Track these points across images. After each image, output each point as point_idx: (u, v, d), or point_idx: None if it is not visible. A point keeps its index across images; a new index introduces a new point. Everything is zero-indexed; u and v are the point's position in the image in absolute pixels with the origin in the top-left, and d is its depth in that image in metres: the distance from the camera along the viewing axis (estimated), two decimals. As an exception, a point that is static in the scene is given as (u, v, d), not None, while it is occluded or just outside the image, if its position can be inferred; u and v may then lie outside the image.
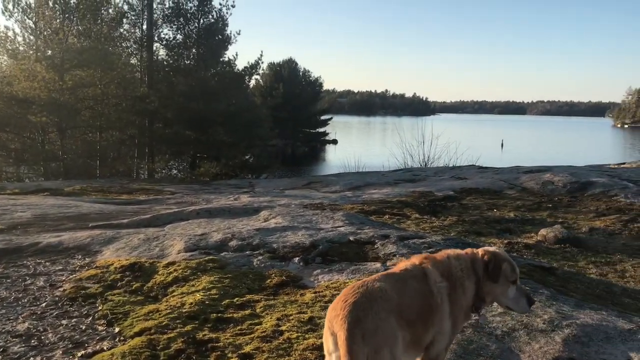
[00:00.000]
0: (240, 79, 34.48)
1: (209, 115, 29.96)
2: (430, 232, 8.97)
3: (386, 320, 2.77)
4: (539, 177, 13.85)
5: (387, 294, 2.88)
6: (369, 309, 2.74)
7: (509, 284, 3.21)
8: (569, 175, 13.62)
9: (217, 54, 34.41)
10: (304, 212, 9.39)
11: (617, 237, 9.19)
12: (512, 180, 14.24)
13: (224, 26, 34.70)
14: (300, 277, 5.92)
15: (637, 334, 4.23)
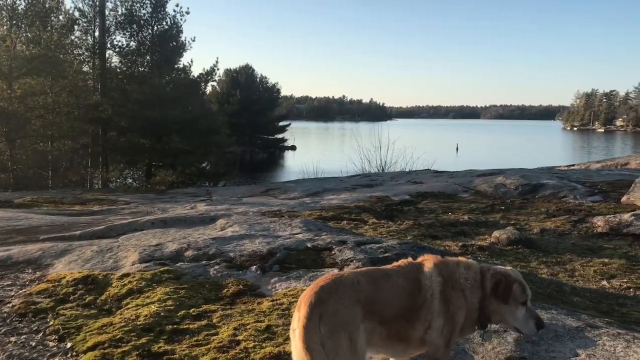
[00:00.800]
0: (195, 85, 34.17)
1: (164, 122, 29.56)
2: (387, 237, 9.07)
3: (349, 307, 2.87)
4: (491, 180, 14.17)
5: (357, 285, 2.98)
6: (333, 293, 2.88)
7: (518, 305, 3.19)
8: (521, 177, 13.98)
9: (171, 61, 34.02)
10: (261, 220, 9.36)
11: (567, 237, 9.48)
12: (466, 184, 14.53)
13: (179, 33, 34.36)
14: (257, 286, 5.90)
15: (584, 331, 4.37)
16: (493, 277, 3.19)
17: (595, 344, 4.13)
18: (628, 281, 7.15)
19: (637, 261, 8.11)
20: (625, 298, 6.43)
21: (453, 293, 3.14)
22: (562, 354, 4.00)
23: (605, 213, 10.31)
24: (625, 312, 5.79)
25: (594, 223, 9.79)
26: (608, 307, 5.94)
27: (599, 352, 4.00)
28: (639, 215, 9.50)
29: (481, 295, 3.19)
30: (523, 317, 3.20)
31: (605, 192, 12.25)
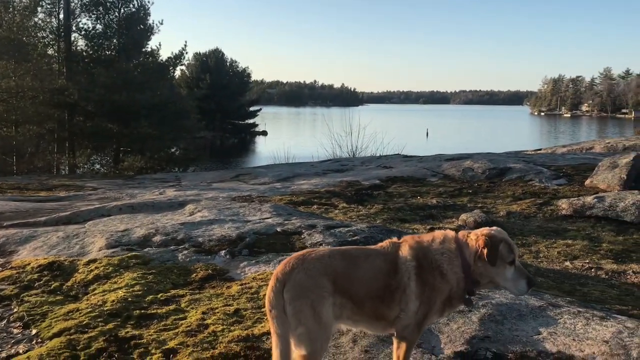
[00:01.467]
0: (164, 69, 33.66)
1: (132, 107, 29.10)
2: (357, 221, 9.13)
3: (315, 278, 2.94)
4: (459, 164, 14.34)
5: (328, 259, 3.04)
6: (301, 264, 2.98)
7: (506, 265, 3.11)
8: (488, 161, 14.18)
9: (139, 44, 33.41)
10: (231, 205, 9.33)
11: (532, 219, 9.68)
12: (434, 168, 14.67)
13: (146, 15, 33.73)
14: (226, 270, 5.90)
15: (546, 310, 4.49)
16: (477, 240, 3.13)
17: (557, 322, 4.25)
18: (590, 262, 7.36)
19: (599, 242, 8.34)
20: (587, 278, 6.62)
21: (429, 274, 3.11)
22: (525, 333, 4.10)
23: (570, 196, 10.54)
24: (587, 291, 5.96)
25: (559, 206, 10.01)
26: (570, 287, 6.11)
27: (560, 329, 4.11)
28: (601, 197, 9.74)
29: (462, 263, 3.13)
30: (512, 276, 3.12)
31: (570, 175, 12.52)
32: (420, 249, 3.18)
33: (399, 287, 3.09)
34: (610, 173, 11.12)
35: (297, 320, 2.89)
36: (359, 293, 3.05)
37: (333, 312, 2.99)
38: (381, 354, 3.77)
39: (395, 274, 3.10)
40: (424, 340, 3.99)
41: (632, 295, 5.94)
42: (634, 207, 9.21)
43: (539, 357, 3.72)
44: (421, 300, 3.09)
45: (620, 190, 10.42)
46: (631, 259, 7.65)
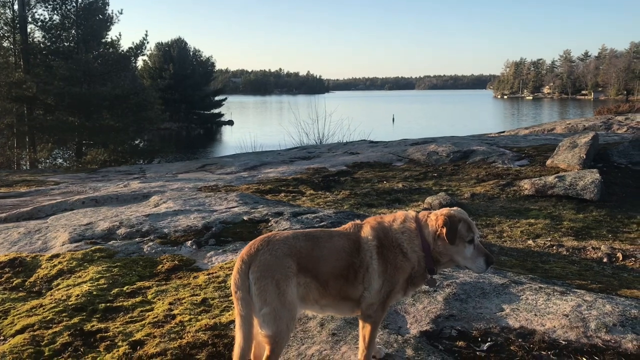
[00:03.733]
0: (125, 60, 32.97)
1: (94, 99, 28.46)
2: (324, 207, 9.18)
3: (280, 258, 2.99)
4: (424, 148, 14.49)
5: (292, 240, 3.09)
6: (266, 246, 3.04)
7: (465, 244, 3.16)
8: (452, 145, 14.36)
9: (98, 35, 32.64)
10: (196, 195, 9.25)
11: (496, 200, 9.87)
12: (400, 153, 14.79)
13: (105, 5, 32.95)
14: (193, 260, 5.86)
15: (509, 287, 4.59)
16: (436, 219, 3.20)
17: (519, 298, 4.35)
18: (551, 239, 7.55)
19: (560, 220, 8.56)
20: (549, 255, 6.80)
21: (390, 253, 3.18)
22: (488, 310, 4.19)
23: (532, 176, 10.77)
24: (548, 268, 6.12)
25: (521, 186, 10.22)
26: (532, 265, 6.27)
27: (522, 305, 4.21)
28: (562, 177, 9.98)
29: (422, 242, 3.20)
30: (472, 255, 3.17)
31: (532, 156, 12.77)
32: (382, 229, 3.24)
33: (362, 266, 3.14)
34: (570, 153, 11.39)
35: (262, 300, 2.92)
36: (323, 272, 3.09)
37: (298, 293, 3.03)
38: (348, 336, 3.81)
39: (358, 253, 3.16)
40: (391, 321, 4.05)
41: (592, 270, 6.13)
42: (592, 185, 9.46)
43: (502, 333, 3.81)
44: (384, 279, 3.15)
45: (580, 169, 10.68)
46: (591, 235, 7.88)
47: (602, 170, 10.55)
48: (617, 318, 3.88)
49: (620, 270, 6.23)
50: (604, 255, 6.69)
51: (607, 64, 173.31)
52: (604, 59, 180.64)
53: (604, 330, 3.74)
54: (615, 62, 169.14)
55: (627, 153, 11.88)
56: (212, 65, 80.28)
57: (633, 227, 8.30)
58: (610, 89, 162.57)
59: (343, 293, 3.16)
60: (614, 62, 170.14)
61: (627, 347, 3.53)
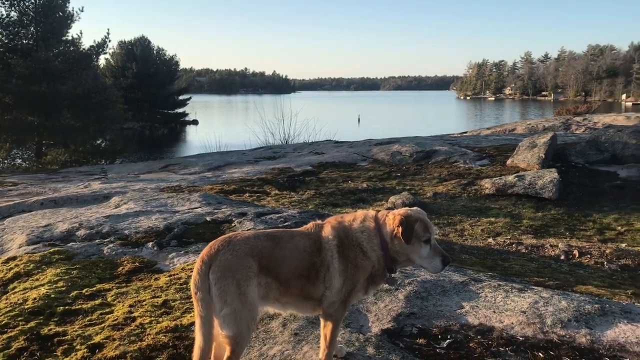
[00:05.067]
0: (86, 58, 32.24)
1: (54, 98, 27.75)
2: (289, 207, 9.17)
3: (241, 258, 2.97)
4: (388, 148, 14.62)
5: (253, 240, 3.09)
6: (227, 246, 3.02)
7: (421, 244, 3.17)
8: (415, 145, 14.53)
9: (58, 33, 31.82)
10: (159, 196, 9.14)
11: (457, 199, 10.02)
12: (365, 153, 14.89)
13: (65, 2, 32.15)
14: (154, 262, 5.79)
15: (468, 285, 4.67)
16: (394, 219, 3.22)
17: (479, 296, 4.43)
18: (511, 237, 7.71)
19: (519, 219, 8.75)
20: (508, 253, 6.93)
21: (350, 252, 3.20)
22: (448, 307, 4.26)
23: (492, 176, 10.97)
24: (508, 265, 6.25)
25: (482, 185, 10.40)
26: (492, 262, 6.39)
27: (482, 303, 4.29)
28: (521, 176, 10.20)
29: (380, 241, 3.22)
30: (428, 254, 3.18)
31: (493, 156, 13.02)
32: (342, 229, 3.26)
33: (323, 265, 3.16)
34: (529, 152, 11.65)
35: (222, 301, 2.90)
36: (285, 272, 3.10)
37: (259, 292, 3.02)
38: (310, 336, 3.82)
39: (319, 252, 3.17)
40: (352, 320, 4.08)
41: (549, 268, 6.28)
42: (551, 184, 9.70)
43: (462, 330, 3.87)
44: (345, 277, 3.17)
45: (539, 168, 10.94)
46: (549, 233, 8.08)
47: (561, 170, 10.83)
48: (572, 314, 3.99)
49: (577, 267, 6.40)
50: (561, 252, 6.86)
51: (566, 66, 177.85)
52: (563, 60, 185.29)
53: (560, 326, 3.84)
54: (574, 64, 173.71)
55: (584, 153, 12.22)
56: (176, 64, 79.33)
57: (589, 225, 8.54)
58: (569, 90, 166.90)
59: (304, 292, 3.17)
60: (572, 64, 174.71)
61: (581, 341, 3.63)
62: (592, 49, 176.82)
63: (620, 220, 8.77)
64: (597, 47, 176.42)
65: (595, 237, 7.90)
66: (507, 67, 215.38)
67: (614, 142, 12.21)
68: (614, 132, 12.60)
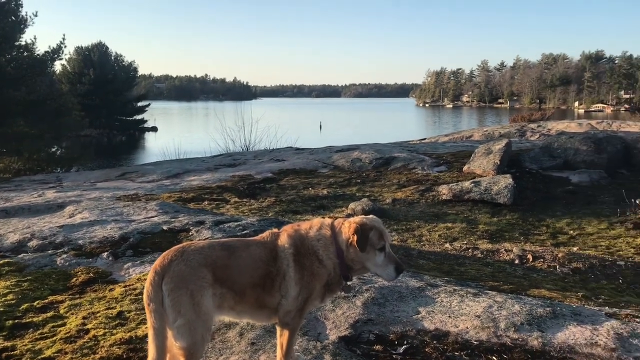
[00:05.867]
0: (41, 64, 31.39)
1: (6, 104, 26.93)
2: (249, 214, 9.12)
3: (195, 268, 2.95)
4: (348, 155, 14.71)
5: (207, 250, 3.06)
6: (180, 256, 2.99)
7: (376, 252, 3.17)
8: (375, 152, 14.67)
9: (11, 38, 30.89)
10: (114, 205, 8.96)
11: (416, 205, 10.16)
12: (325, 160, 14.95)
13: (18, 6, 31.27)
14: (109, 273, 5.68)
15: (425, 290, 4.73)
16: (349, 227, 3.22)
17: (435, 301, 4.50)
18: (468, 242, 7.85)
19: (476, 224, 8.93)
20: (465, 258, 7.06)
21: (306, 260, 3.20)
22: (405, 313, 4.30)
23: (449, 182, 11.16)
24: (464, 270, 6.36)
25: (440, 191, 10.57)
26: (449, 267, 6.49)
27: (437, 308, 4.35)
28: (477, 182, 10.40)
29: (336, 249, 3.23)
30: (382, 262, 3.18)
31: (450, 162, 13.25)
32: (298, 237, 3.26)
33: (279, 274, 3.16)
34: (485, 159, 11.90)
35: (176, 312, 2.87)
36: (240, 282, 3.08)
37: (214, 302, 3.00)
38: (268, 345, 3.80)
39: (275, 261, 3.17)
40: (310, 328, 4.08)
41: (504, 272, 6.42)
42: (506, 190, 9.93)
43: (418, 336, 3.92)
44: (301, 286, 3.18)
45: (494, 174, 11.18)
46: (504, 238, 8.27)
47: (515, 176, 11.09)
48: (525, 317, 4.08)
49: (530, 271, 6.56)
50: (515, 257, 7.02)
51: (522, 74, 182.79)
52: (519, 69, 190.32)
53: (513, 330, 3.93)
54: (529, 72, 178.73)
55: (538, 159, 12.54)
56: (135, 70, 78.16)
57: (543, 229, 8.77)
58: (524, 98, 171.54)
59: (260, 301, 3.16)
60: (527, 72, 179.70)
61: (533, 344, 3.72)
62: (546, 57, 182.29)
63: (572, 224, 9.04)
64: (550, 56, 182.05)
65: (548, 242, 8.12)
66: (464, 75, 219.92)
67: (566, 148, 12.58)
68: (566, 139, 12.98)
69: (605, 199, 10.40)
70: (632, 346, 3.61)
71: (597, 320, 4.03)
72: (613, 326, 3.90)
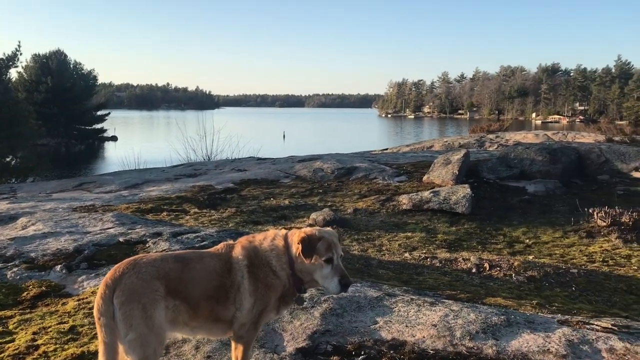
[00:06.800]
0: (-5, 71, 30.67)
1: (-42, 113, 26.15)
2: (209, 225, 9.03)
3: (147, 281, 2.90)
4: (310, 165, 14.73)
5: (160, 262, 3.01)
6: (132, 269, 2.94)
7: (323, 263, 3.13)
8: (337, 162, 14.73)
9: (-36, 44, 30.12)
10: (70, 216, 8.75)
11: (376, 215, 10.23)
12: (287, 170, 14.93)
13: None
14: (63, 286, 5.54)
15: (383, 300, 4.76)
16: (298, 237, 3.21)
17: (392, 310, 4.52)
18: (426, 252, 7.94)
19: (435, 233, 9.04)
20: (423, 267, 7.13)
21: (260, 271, 3.18)
22: (363, 323, 4.32)
23: (410, 191, 11.29)
24: (422, 279, 6.43)
25: (400, 201, 10.68)
26: (408, 277, 6.54)
27: (395, 317, 4.38)
28: (436, 192, 10.55)
29: (288, 259, 3.21)
30: (328, 274, 3.13)
31: (410, 172, 13.40)
32: (252, 249, 3.24)
33: (233, 286, 3.13)
34: (444, 169, 12.08)
35: (127, 326, 2.82)
36: (194, 294, 3.04)
37: (167, 316, 2.95)
38: (224, 358, 3.76)
39: (229, 273, 3.14)
40: (267, 340, 4.05)
41: (461, 281, 6.51)
42: (464, 199, 10.10)
43: (375, 346, 3.93)
44: (256, 297, 3.15)
45: (453, 184, 11.36)
46: (462, 247, 8.40)
47: (473, 185, 11.30)
48: (480, 325, 4.15)
49: (487, 279, 6.67)
50: (473, 265, 7.13)
51: (481, 86, 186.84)
52: (478, 80, 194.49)
53: (468, 338, 3.98)
54: (488, 84, 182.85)
55: (495, 169, 12.81)
56: (95, 78, 76.95)
57: (500, 238, 8.95)
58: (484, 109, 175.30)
59: (215, 314, 3.12)
60: (486, 84, 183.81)
61: (488, 352, 3.78)
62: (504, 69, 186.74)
63: (528, 233, 9.25)
64: (508, 68, 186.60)
65: (505, 250, 8.28)
66: (425, 87, 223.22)
67: (522, 158, 12.88)
68: (522, 149, 13.30)
69: (560, 208, 10.68)
70: (582, 352, 3.71)
71: (550, 328, 4.12)
72: (564, 333, 3.99)
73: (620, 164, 12.62)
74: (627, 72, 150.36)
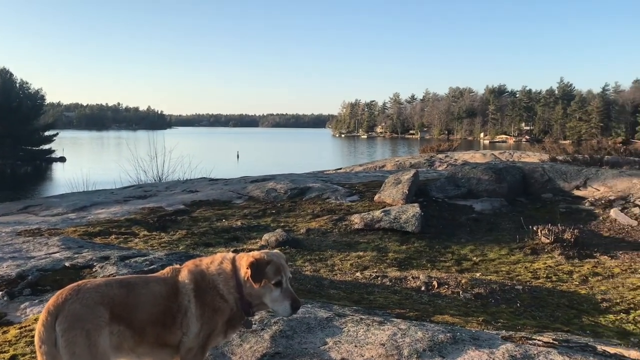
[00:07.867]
0: None
1: None
2: (158, 248, 8.89)
3: (91, 307, 2.85)
4: (264, 185, 14.71)
5: (104, 288, 2.97)
6: (75, 295, 2.90)
7: (272, 287, 3.16)
8: (290, 182, 14.76)
9: None
10: (13, 241, 8.48)
11: (329, 235, 10.30)
12: (240, 190, 14.86)
13: None
14: (4, 314, 5.36)
15: (333, 320, 4.80)
16: (246, 261, 3.21)
17: (342, 331, 4.57)
18: (377, 271, 8.04)
19: (385, 252, 9.17)
20: (374, 286, 7.21)
21: (208, 296, 3.17)
22: (313, 344, 4.34)
23: (361, 211, 11.42)
24: (372, 299, 6.50)
25: (352, 220, 10.78)
26: (359, 296, 6.61)
27: (344, 338, 4.42)
28: (387, 211, 10.71)
29: (236, 283, 3.21)
30: (278, 297, 3.17)
31: (362, 192, 13.55)
32: (199, 272, 3.24)
33: (180, 311, 3.12)
34: (394, 189, 12.28)
35: (70, 353, 2.77)
36: (139, 320, 3.02)
37: (111, 342, 2.92)
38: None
39: (176, 298, 3.13)
40: (216, 364, 4.02)
41: (411, 299, 6.62)
42: (414, 218, 10.28)
43: (325, 366, 3.96)
44: (202, 322, 3.15)
45: (403, 204, 11.54)
46: (412, 265, 8.54)
47: (423, 205, 11.51)
48: (427, 343, 4.23)
49: (436, 297, 6.80)
50: (422, 283, 7.25)
51: (431, 107, 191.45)
52: (428, 101, 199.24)
53: (415, 356, 4.06)
54: (437, 105, 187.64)
55: (443, 188, 13.11)
56: (42, 98, 75.20)
57: (448, 256, 9.15)
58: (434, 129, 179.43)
59: (161, 340, 3.10)
60: (436, 105, 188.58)
61: (434, 369, 3.86)
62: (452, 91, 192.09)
63: (475, 251, 9.48)
64: (457, 90, 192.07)
65: (453, 268, 8.46)
66: (377, 107, 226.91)
67: (469, 178, 13.23)
68: (469, 169, 13.66)
69: (506, 225, 11.00)
70: (524, 367, 3.83)
71: (494, 344, 4.24)
72: (508, 349, 4.12)
73: (562, 183, 13.10)
74: (570, 93, 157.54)
